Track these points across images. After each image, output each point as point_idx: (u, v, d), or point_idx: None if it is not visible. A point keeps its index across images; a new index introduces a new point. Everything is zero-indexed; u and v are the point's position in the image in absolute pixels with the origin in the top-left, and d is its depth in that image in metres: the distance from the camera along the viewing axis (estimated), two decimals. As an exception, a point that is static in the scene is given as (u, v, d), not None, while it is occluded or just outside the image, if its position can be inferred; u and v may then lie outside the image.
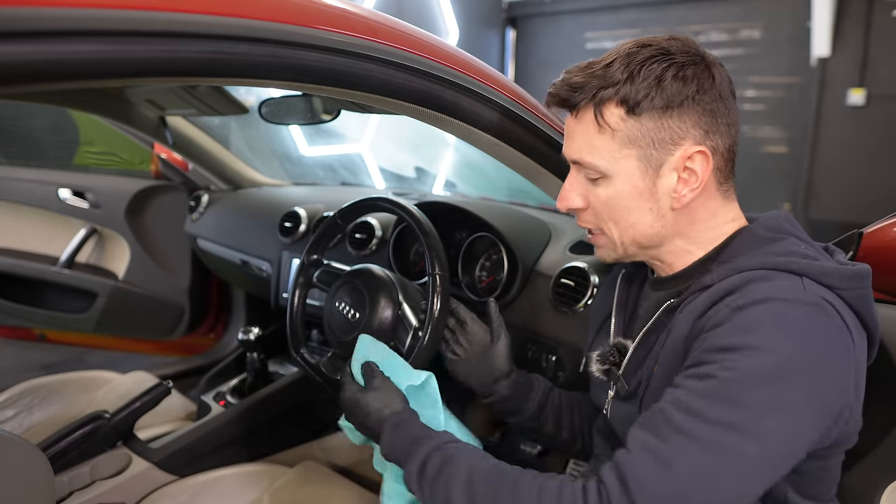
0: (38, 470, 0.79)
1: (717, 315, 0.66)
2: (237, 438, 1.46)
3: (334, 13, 0.68)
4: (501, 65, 6.04)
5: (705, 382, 0.63)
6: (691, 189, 0.72)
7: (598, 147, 0.73)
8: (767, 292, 0.64)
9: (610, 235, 0.78)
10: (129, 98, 1.58)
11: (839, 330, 0.64)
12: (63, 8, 0.46)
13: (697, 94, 0.70)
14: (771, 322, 0.62)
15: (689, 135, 0.71)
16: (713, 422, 0.61)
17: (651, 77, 0.69)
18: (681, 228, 0.76)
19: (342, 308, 1.20)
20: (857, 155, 4.46)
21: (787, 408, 0.61)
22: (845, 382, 0.65)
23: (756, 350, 0.61)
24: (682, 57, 0.70)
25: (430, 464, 0.75)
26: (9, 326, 2.32)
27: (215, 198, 2.20)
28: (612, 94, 0.71)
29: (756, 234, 0.74)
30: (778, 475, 0.64)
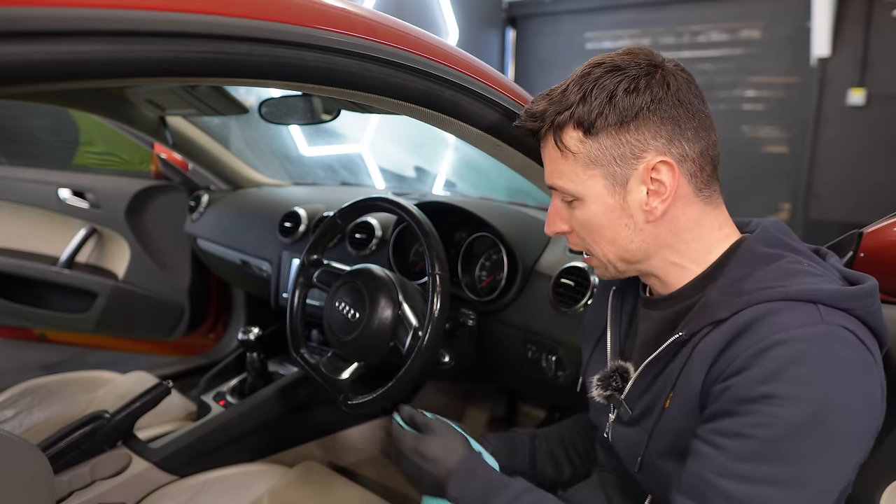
0: (38, 470, 0.79)
1: (737, 360, 0.64)
2: (237, 438, 1.46)
3: (334, 13, 0.68)
4: (501, 65, 6.04)
5: (741, 442, 0.62)
6: (661, 200, 0.71)
7: (564, 171, 0.74)
8: (786, 330, 0.62)
9: (597, 255, 0.78)
10: (129, 98, 1.58)
11: (861, 356, 0.63)
12: (63, 8, 0.46)
13: (652, 104, 0.69)
14: (796, 367, 0.61)
15: (650, 146, 0.70)
16: (759, 481, 0.61)
17: (603, 94, 0.69)
18: (664, 240, 0.74)
19: (342, 308, 1.20)
20: (857, 155, 4.46)
21: (829, 451, 0.61)
22: (877, 403, 0.64)
23: (785, 400, 0.60)
24: (634, 70, 0.70)
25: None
26: (9, 326, 2.32)
27: (215, 198, 2.20)
28: (567, 119, 0.72)
29: (754, 251, 0.72)
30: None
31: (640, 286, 0.85)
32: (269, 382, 1.63)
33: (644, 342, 0.80)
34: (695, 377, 0.68)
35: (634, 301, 0.86)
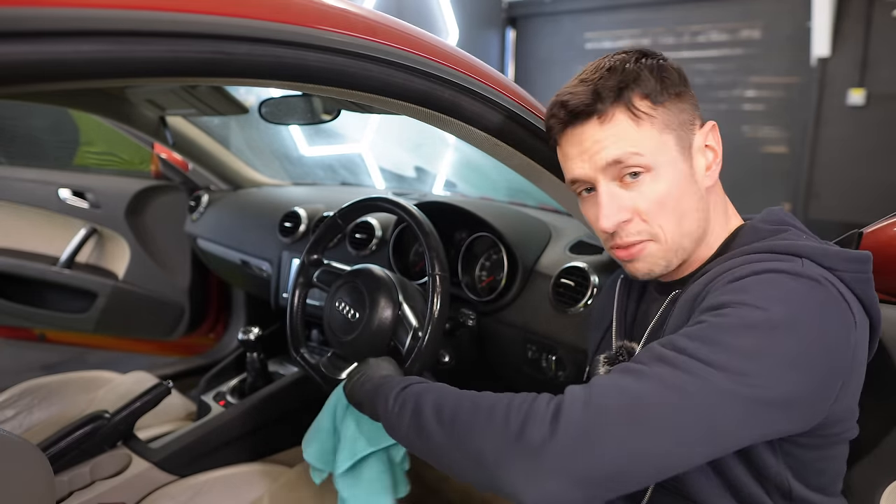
0: (38, 470, 0.79)
1: (716, 286, 0.68)
2: (237, 438, 1.46)
3: (334, 13, 0.68)
4: (501, 65, 6.04)
5: (694, 327, 0.64)
6: (717, 163, 0.76)
7: (639, 140, 0.71)
8: (766, 265, 0.66)
9: (665, 239, 0.74)
10: (129, 98, 1.58)
11: (837, 303, 0.64)
12: (63, 8, 0.46)
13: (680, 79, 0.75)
14: (766, 285, 0.64)
15: (696, 115, 0.76)
16: (690, 354, 0.61)
17: (655, 70, 0.73)
18: (709, 215, 0.77)
19: (342, 308, 1.20)
20: (857, 155, 4.46)
21: (769, 360, 0.60)
22: (841, 359, 0.64)
23: (748, 306, 0.62)
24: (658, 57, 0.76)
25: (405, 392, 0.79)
26: (9, 326, 2.32)
27: (215, 198, 2.20)
28: (634, 89, 0.72)
29: (759, 227, 0.75)
30: (751, 428, 0.62)
31: None
32: (269, 382, 1.63)
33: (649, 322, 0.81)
34: (681, 316, 0.71)
35: (641, 290, 0.87)
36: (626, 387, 0.62)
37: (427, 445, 0.72)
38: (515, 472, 0.62)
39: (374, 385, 0.85)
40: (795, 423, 0.64)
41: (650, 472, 0.62)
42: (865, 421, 0.76)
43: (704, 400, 0.59)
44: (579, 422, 0.61)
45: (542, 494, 0.60)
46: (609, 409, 0.60)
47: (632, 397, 0.61)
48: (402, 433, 0.75)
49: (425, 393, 0.75)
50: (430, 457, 0.72)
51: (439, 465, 0.71)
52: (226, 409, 1.56)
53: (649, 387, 0.61)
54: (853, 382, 0.67)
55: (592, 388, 0.63)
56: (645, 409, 0.60)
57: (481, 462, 0.65)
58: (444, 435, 0.69)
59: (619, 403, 0.61)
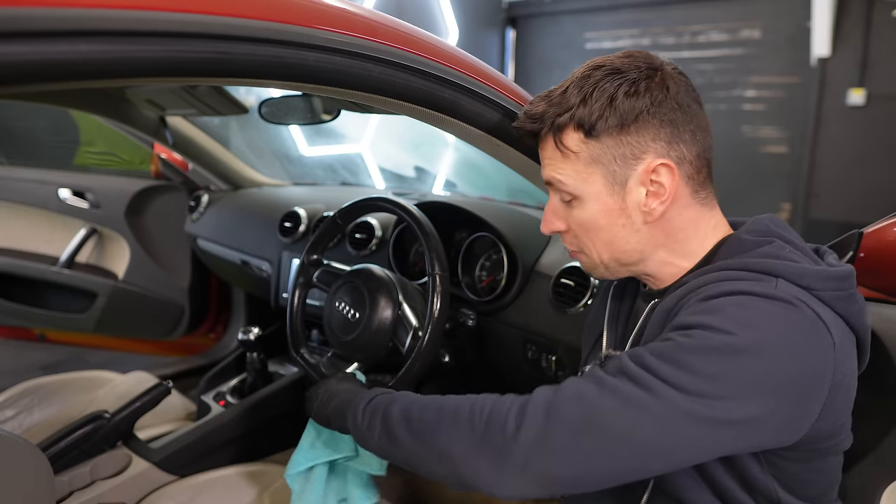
0: (38, 470, 0.79)
1: (688, 304, 0.68)
2: (237, 438, 1.46)
3: (334, 13, 0.68)
4: (501, 65, 6.04)
5: (661, 344, 0.65)
6: (661, 202, 0.72)
7: (564, 170, 0.75)
8: (738, 286, 0.65)
9: (591, 255, 0.79)
10: (129, 98, 1.58)
11: (814, 328, 0.63)
12: (63, 8, 0.46)
13: (652, 107, 0.70)
14: (734, 308, 0.63)
15: (650, 148, 0.71)
16: (654, 373, 0.63)
17: (604, 97, 0.71)
18: (660, 241, 0.76)
19: (342, 308, 1.20)
20: (857, 155, 4.46)
21: (731, 381, 0.61)
22: (815, 382, 0.63)
23: (714, 329, 0.62)
24: (634, 73, 0.71)
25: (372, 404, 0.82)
26: (9, 326, 2.32)
27: (215, 198, 2.20)
28: (567, 120, 0.72)
29: (742, 239, 0.73)
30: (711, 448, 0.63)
31: (639, 283, 0.85)
32: (269, 382, 1.63)
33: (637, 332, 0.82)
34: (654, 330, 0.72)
35: (633, 297, 0.87)
36: (586, 397, 0.64)
37: (399, 452, 0.76)
38: (481, 471, 0.66)
39: (340, 402, 0.89)
40: (766, 441, 0.64)
41: (605, 479, 0.65)
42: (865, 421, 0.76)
43: (661, 417, 0.61)
44: (538, 427, 0.64)
45: (506, 491, 0.65)
46: (566, 418, 0.64)
47: (589, 408, 0.63)
48: (374, 444, 0.79)
49: (392, 403, 0.79)
50: (402, 462, 0.76)
51: (412, 468, 0.75)
52: (226, 409, 1.56)
53: (609, 399, 0.63)
54: (839, 399, 0.66)
55: (557, 394, 0.66)
56: (600, 421, 0.63)
57: (450, 462, 0.69)
58: (413, 440, 0.73)
59: (576, 413, 0.64)
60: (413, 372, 1.08)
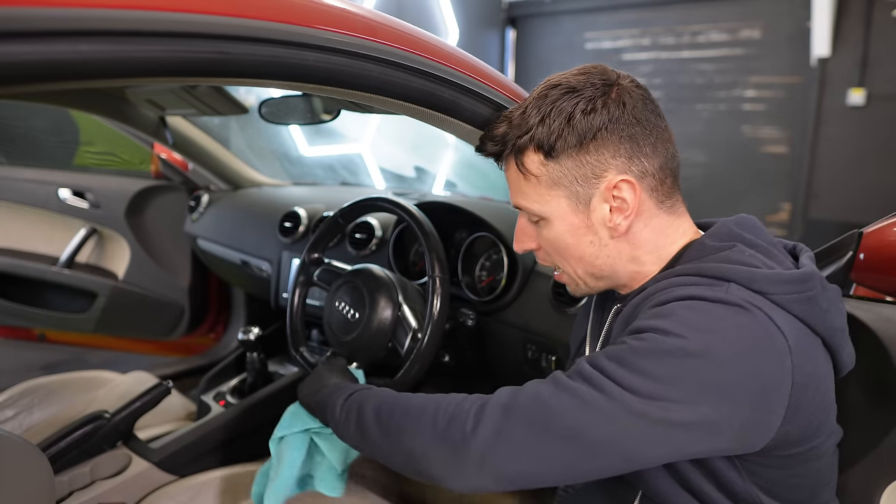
0: (38, 470, 0.79)
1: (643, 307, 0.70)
2: (237, 438, 1.46)
3: (334, 13, 0.68)
4: (501, 65, 6.04)
5: (615, 347, 0.67)
6: (625, 217, 0.73)
7: (528, 193, 0.77)
8: (690, 291, 0.66)
9: (567, 271, 0.81)
10: (129, 98, 1.58)
11: (764, 329, 0.63)
12: (63, 8, 0.46)
13: (609, 124, 0.71)
14: (684, 311, 0.64)
15: (611, 165, 0.72)
16: (608, 375, 0.64)
17: (561, 117, 0.71)
18: (628, 253, 0.77)
19: (342, 308, 1.20)
20: (857, 155, 4.46)
21: (683, 386, 0.61)
22: (772, 380, 0.63)
23: (665, 332, 0.63)
24: (590, 90, 0.72)
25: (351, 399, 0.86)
26: (9, 326, 2.32)
27: (215, 198, 2.20)
28: (527, 142, 0.74)
29: (703, 244, 0.74)
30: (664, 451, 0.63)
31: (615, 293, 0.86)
32: (269, 382, 1.63)
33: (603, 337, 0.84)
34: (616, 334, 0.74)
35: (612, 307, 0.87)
36: (542, 396, 0.66)
37: (369, 445, 0.80)
38: (441, 465, 0.69)
39: (324, 395, 0.92)
40: (730, 445, 0.64)
41: (560, 476, 0.67)
42: (865, 421, 0.76)
43: (613, 418, 0.62)
44: (495, 424, 0.67)
45: (465, 484, 0.68)
46: (522, 416, 0.66)
47: (544, 407, 0.65)
48: (349, 437, 0.84)
49: (367, 400, 0.83)
50: (372, 455, 0.80)
51: (381, 460, 0.79)
52: (226, 409, 1.56)
53: (564, 399, 0.65)
54: (805, 402, 0.65)
55: (516, 394, 0.68)
56: (554, 421, 0.64)
57: (413, 457, 0.72)
58: (382, 435, 0.77)
59: (531, 411, 0.66)
60: (412, 373, 1.08)
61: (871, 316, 0.83)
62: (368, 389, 0.86)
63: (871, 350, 0.80)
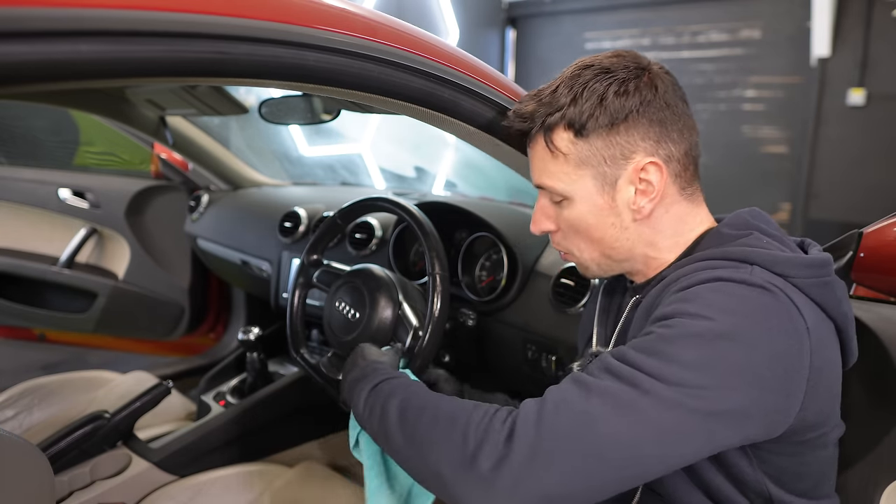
0: (38, 470, 0.79)
1: (666, 294, 0.69)
2: (237, 438, 1.46)
3: (334, 13, 0.68)
4: (501, 65, 6.04)
5: (642, 339, 0.66)
6: (649, 199, 0.74)
7: (554, 172, 0.76)
8: (714, 273, 0.66)
9: (580, 255, 0.80)
10: (129, 98, 1.58)
11: (787, 311, 0.63)
12: (63, 8, 0.46)
13: (641, 107, 0.71)
14: (710, 293, 0.64)
15: (639, 147, 0.72)
16: (638, 367, 0.62)
17: (594, 97, 0.71)
18: (648, 238, 0.77)
19: (342, 308, 1.20)
20: (857, 155, 4.46)
21: (715, 371, 0.61)
22: (793, 367, 0.63)
23: (692, 316, 0.63)
24: (623, 73, 0.72)
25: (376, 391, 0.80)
26: (9, 326, 2.32)
27: (215, 198, 2.20)
28: (558, 120, 0.73)
29: (721, 233, 0.75)
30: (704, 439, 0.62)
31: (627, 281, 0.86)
32: (269, 382, 1.63)
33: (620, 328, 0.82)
34: (639, 325, 0.73)
35: (623, 296, 0.88)
36: (575, 404, 0.63)
37: (391, 450, 0.74)
38: (470, 492, 0.63)
39: (353, 378, 0.87)
40: (755, 432, 0.64)
41: (602, 492, 0.62)
42: (865, 421, 0.76)
43: (653, 415, 0.60)
44: (531, 444, 0.62)
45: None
46: (559, 430, 0.62)
47: (581, 416, 0.62)
48: (371, 433, 0.79)
49: (391, 396, 0.77)
50: (396, 460, 0.75)
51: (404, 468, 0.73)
52: (226, 409, 1.56)
53: (599, 405, 0.62)
54: (821, 388, 0.66)
55: (544, 405, 0.64)
56: (595, 430, 0.61)
57: (440, 477, 0.67)
58: (405, 445, 0.72)
59: (569, 423, 0.62)
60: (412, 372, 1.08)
61: (871, 316, 0.83)
62: (396, 379, 0.81)
63: (871, 350, 0.80)
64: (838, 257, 0.88)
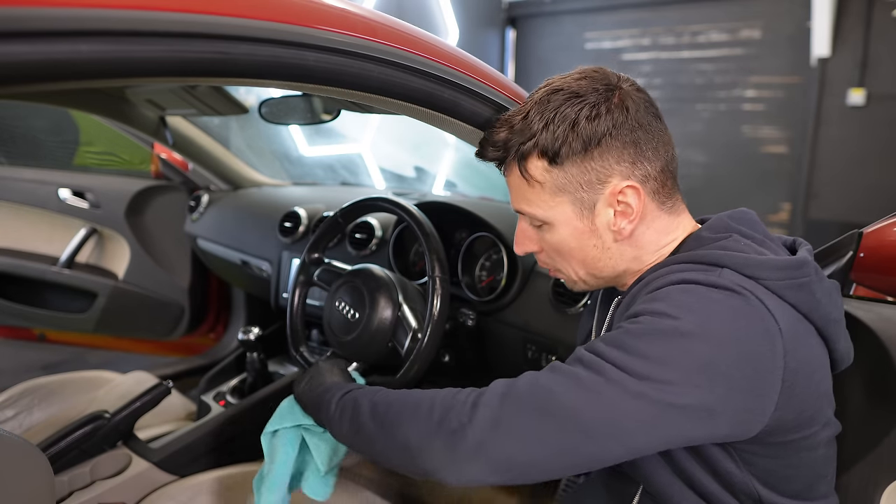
0: (38, 470, 0.79)
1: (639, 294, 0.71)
2: (237, 438, 1.46)
3: (334, 13, 0.68)
4: (501, 65, 6.04)
5: (611, 333, 0.68)
6: (629, 221, 0.74)
7: (532, 199, 0.77)
8: (683, 275, 0.67)
9: (567, 273, 0.82)
10: (129, 98, 1.58)
11: (756, 313, 0.63)
12: (63, 8, 0.46)
13: (614, 129, 0.71)
14: (678, 294, 0.65)
15: (615, 171, 0.73)
16: (606, 358, 0.65)
17: (565, 123, 0.71)
18: (631, 255, 0.78)
19: (342, 308, 1.20)
20: (857, 155, 4.46)
21: (679, 366, 0.62)
22: (764, 365, 0.63)
23: (660, 314, 0.64)
24: (593, 96, 0.72)
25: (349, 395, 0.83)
26: (9, 326, 2.32)
27: (215, 198, 2.20)
28: (531, 148, 0.74)
29: (700, 236, 0.75)
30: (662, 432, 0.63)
31: None
32: (269, 382, 1.63)
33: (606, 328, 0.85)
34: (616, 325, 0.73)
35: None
36: (542, 383, 0.66)
37: (363, 441, 0.77)
38: (436, 455, 0.67)
39: (319, 393, 0.90)
40: (725, 430, 0.64)
41: (557, 463, 0.65)
42: (865, 421, 0.76)
43: (612, 400, 0.62)
44: (493, 411, 0.66)
45: (461, 476, 0.66)
46: (521, 402, 0.66)
47: (544, 392, 0.65)
48: (342, 434, 0.81)
49: (363, 396, 0.81)
50: (366, 452, 0.78)
51: (375, 457, 0.77)
52: (226, 409, 1.56)
53: (563, 384, 0.65)
54: (799, 388, 0.65)
55: (515, 382, 0.68)
56: (554, 404, 0.64)
57: (408, 449, 0.70)
58: (376, 429, 0.75)
59: (529, 396, 0.66)
60: (412, 373, 1.08)
61: (871, 316, 0.83)
62: (366, 388, 0.85)
63: (871, 350, 0.80)
64: (838, 257, 0.88)
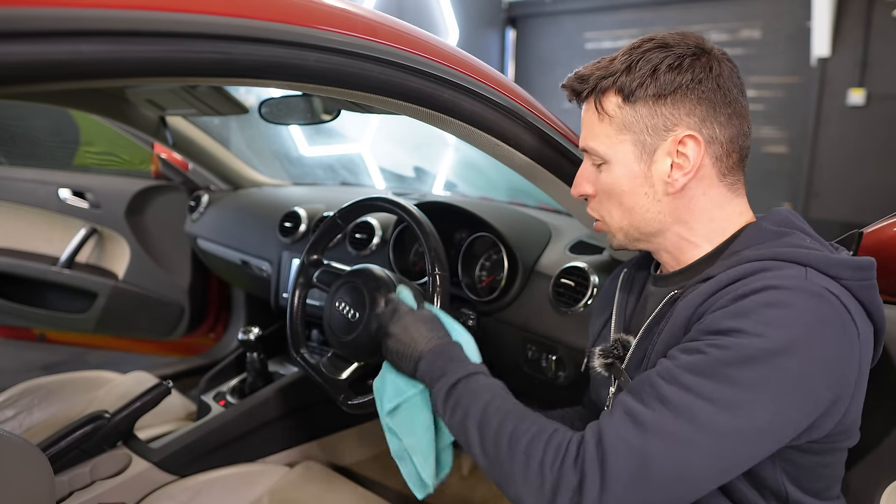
0: (38, 470, 0.79)
1: (718, 302, 0.67)
2: (237, 438, 1.46)
3: (334, 13, 0.68)
4: (501, 65, 6.04)
5: (694, 357, 0.64)
6: (684, 174, 0.74)
7: (598, 134, 0.77)
8: (769, 281, 0.65)
9: (610, 222, 0.81)
10: (129, 98, 1.58)
11: (842, 320, 0.64)
12: (63, 8, 0.46)
13: (692, 84, 0.72)
14: (768, 309, 0.63)
15: (682, 122, 0.73)
16: (694, 393, 0.62)
17: (647, 67, 0.73)
18: (680, 215, 0.76)
19: (342, 308, 1.20)
20: (857, 155, 4.46)
21: (771, 389, 0.61)
22: (845, 373, 0.64)
23: (749, 334, 0.62)
24: (682, 49, 0.73)
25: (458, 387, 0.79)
26: (9, 326, 2.32)
27: (215, 198, 2.20)
28: (610, 84, 0.75)
29: (763, 228, 0.74)
30: (756, 456, 0.64)
31: (651, 266, 0.87)
32: (269, 382, 1.63)
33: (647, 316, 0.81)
34: (679, 320, 0.71)
35: (644, 282, 0.88)
36: (631, 445, 0.63)
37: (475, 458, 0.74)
38: None
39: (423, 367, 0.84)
40: (803, 437, 0.66)
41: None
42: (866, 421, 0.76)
43: (711, 443, 0.61)
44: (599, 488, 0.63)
45: None
46: (622, 474, 0.62)
47: (639, 457, 0.62)
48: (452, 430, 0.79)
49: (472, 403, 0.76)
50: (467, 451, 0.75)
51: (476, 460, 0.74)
52: (226, 409, 1.56)
53: (655, 444, 0.62)
54: (859, 392, 0.67)
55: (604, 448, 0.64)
56: (652, 469, 0.62)
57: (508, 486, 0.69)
58: (485, 460, 0.72)
59: (627, 466, 0.62)
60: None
61: (872, 316, 0.83)
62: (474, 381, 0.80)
63: (871, 350, 0.80)
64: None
